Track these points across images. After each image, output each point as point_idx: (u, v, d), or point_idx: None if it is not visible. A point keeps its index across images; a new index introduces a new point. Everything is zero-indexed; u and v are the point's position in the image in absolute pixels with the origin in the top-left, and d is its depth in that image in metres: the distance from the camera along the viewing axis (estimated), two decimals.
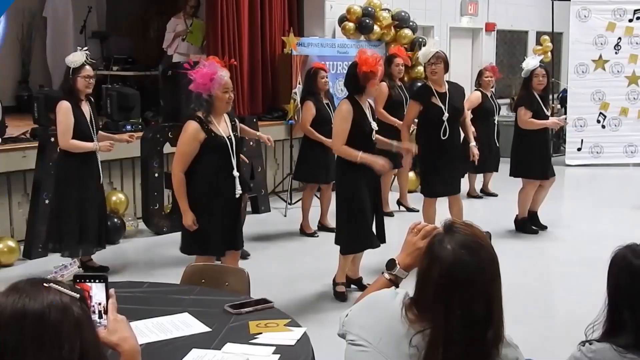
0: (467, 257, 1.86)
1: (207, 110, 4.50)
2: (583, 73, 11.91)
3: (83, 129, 5.58)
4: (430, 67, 6.13)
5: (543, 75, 7.16)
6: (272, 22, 9.36)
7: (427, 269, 1.90)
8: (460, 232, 1.91)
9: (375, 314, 1.99)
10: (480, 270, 1.86)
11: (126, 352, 1.81)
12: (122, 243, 7.07)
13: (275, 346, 2.62)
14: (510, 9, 13.23)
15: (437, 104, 6.10)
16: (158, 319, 2.89)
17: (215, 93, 4.49)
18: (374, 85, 5.16)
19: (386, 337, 1.92)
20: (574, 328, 4.42)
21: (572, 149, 12.02)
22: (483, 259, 1.88)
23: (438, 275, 1.86)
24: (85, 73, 5.54)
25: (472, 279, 1.84)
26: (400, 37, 9.92)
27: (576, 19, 11.92)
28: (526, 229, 7.49)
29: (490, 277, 1.88)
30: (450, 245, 1.88)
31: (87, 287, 1.86)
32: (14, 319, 1.49)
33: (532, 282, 6.03)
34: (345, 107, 5.15)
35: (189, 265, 3.59)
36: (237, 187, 4.62)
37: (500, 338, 1.87)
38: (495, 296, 1.88)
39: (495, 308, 1.86)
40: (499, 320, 1.87)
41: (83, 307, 1.58)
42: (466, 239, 1.89)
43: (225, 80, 4.53)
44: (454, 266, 1.85)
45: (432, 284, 1.87)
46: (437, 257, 1.88)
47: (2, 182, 6.63)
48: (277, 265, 6.34)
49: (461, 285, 1.83)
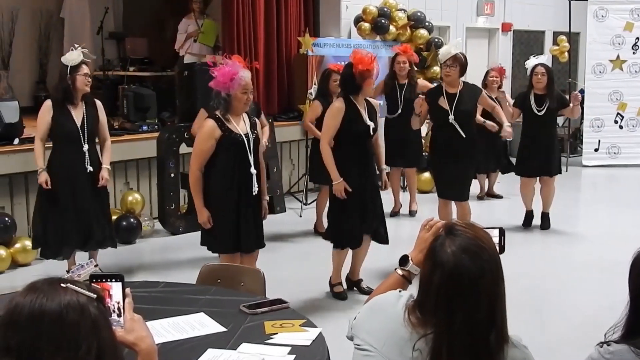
0: (468, 261, 1.83)
1: (225, 108, 4.52)
2: (600, 73, 11.83)
3: (68, 132, 5.40)
4: (445, 69, 6.09)
5: (542, 74, 7.20)
6: (288, 23, 9.37)
7: (429, 274, 1.88)
8: (462, 234, 1.89)
9: (380, 318, 1.99)
10: (482, 274, 1.83)
11: (143, 351, 1.82)
12: (138, 243, 7.10)
13: (291, 346, 2.62)
14: (526, 9, 13.16)
15: (443, 106, 6.04)
16: (174, 318, 2.89)
17: (234, 93, 4.49)
18: (370, 84, 5.16)
19: (390, 341, 1.92)
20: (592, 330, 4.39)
21: (589, 149, 11.94)
22: (485, 263, 1.85)
23: (439, 280, 1.85)
24: (83, 71, 5.42)
25: (474, 284, 1.82)
26: (416, 37, 9.89)
27: (593, 19, 11.85)
28: (524, 223, 7.71)
29: (492, 280, 1.85)
30: (450, 248, 1.86)
31: (106, 286, 1.87)
32: (31, 319, 1.49)
33: (548, 284, 6.00)
34: (337, 104, 5.19)
35: (204, 266, 3.59)
36: (254, 184, 4.62)
37: (504, 339, 1.85)
38: (498, 298, 1.85)
39: (498, 310, 1.84)
40: (502, 322, 1.85)
41: (100, 307, 1.58)
42: (467, 242, 1.87)
43: (246, 82, 4.53)
44: (455, 272, 1.83)
45: (434, 289, 1.86)
46: (439, 261, 1.86)
47: (20, 182, 6.67)
48: (293, 266, 6.34)
49: (463, 291, 1.82)
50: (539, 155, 7.36)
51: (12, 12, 9.70)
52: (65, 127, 5.41)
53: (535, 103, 7.26)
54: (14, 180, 6.64)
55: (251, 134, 4.61)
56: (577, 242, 7.31)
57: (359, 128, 5.15)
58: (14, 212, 6.60)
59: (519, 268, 6.05)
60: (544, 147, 7.35)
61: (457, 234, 1.90)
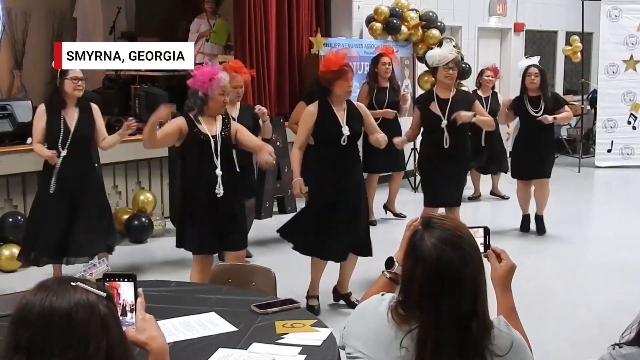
0: (450, 252, 1.84)
1: (199, 108, 4.53)
2: (613, 74, 11.77)
3: (55, 136, 5.26)
4: (447, 72, 5.86)
5: (535, 75, 7.07)
6: (300, 23, 9.37)
7: (412, 268, 1.89)
8: (440, 227, 1.89)
9: (364, 322, 1.99)
10: (464, 264, 1.84)
11: (154, 350, 1.82)
12: (149, 242, 7.12)
13: (302, 346, 2.62)
14: (539, 9, 13.10)
15: (434, 111, 5.90)
16: (185, 318, 2.90)
17: (212, 94, 4.50)
18: (340, 85, 4.92)
19: (375, 344, 1.92)
20: (603, 331, 4.37)
21: (602, 150, 11.87)
22: (466, 252, 1.86)
23: (422, 274, 1.85)
24: (72, 75, 5.21)
25: (457, 274, 1.83)
26: (427, 37, 9.86)
27: (607, 19, 11.79)
28: (521, 227, 7.54)
29: (475, 268, 1.86)
30: (430, 241, 1.86)
31: (116, 285, 1.87)
32: (41, 317, 1.50)
33: (559, 285, 5.97)
34: (309, 108, 5.10)
35: (216, 265, 3.61)
36: (219, 186, 4.54)
37: (487, 326, 1.85)
38: (480, 286, 1.86)
39: (480, 298, 1.85)
40: (482, 309, 1.85)
41: (109, 306, 1.59)
42: (446, 233, 1.87)
43: (224, 83, 4.53)
44: (438, 264, 1.83)
45: (418, 284, 1.86)
46: (420, 256, 1.87)
47: (32, 181, 6.70)
48: (304, 266, 6.33)
49: (448, 282, 1.82)
50: (534, 158, 7.22)
51: (25, 12, 9.75)
52: (54, 132, 5.26)
53: (531, 105, 7.10)
54: (27, 179, 6.68)
55: (220, 136, 4.57)
56: (589, 243, 7.28)
57: (332, 132, 4.98)
58: (27, 211, 6.63)
59: (530, 268, 6.03)
60: (540, 149, 7.23)
61: (435, 226, 1.90)
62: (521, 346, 1.92)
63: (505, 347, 1.86)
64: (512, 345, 1.88)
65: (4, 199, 6.56)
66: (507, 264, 2.17)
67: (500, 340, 1.86)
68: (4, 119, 6.74)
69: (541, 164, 7.25)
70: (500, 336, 1.87)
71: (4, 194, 6.56)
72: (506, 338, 1.88)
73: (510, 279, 2.17)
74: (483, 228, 2.19)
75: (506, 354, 1.85)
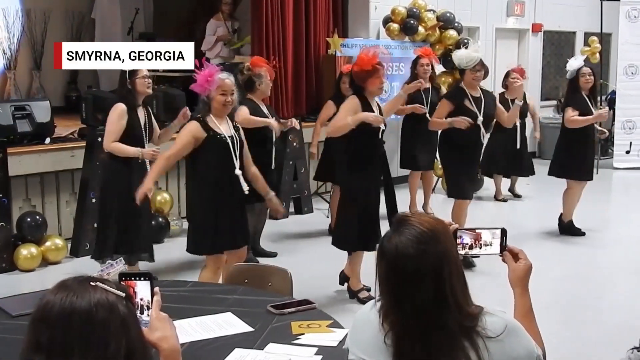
0: (410, 248, 1.84)
1: (205, 111, 4.58)
2: (632, 74, 11.69)
3: (137, 134, 5.37)
4: (475, 74, 6.17)
5: (590, 74, 7.06)
6: (317, 23, 9.37)
7: (378, 268, 1.91)
8: (409, 225, 1.89)
9: (362, 330, 2.00)
10: (422, 257, 1.83)
11: (165, 351, 1.80)
12: (166, 242, 7.15)
13: (318, 347, 2.63)
14: (557, 10, 13.02)
15: (470, 108, 6.12)
16: (201, 318, 2.91)
17: (213, 95, 4.53)
18: (373, 83, 5.14)
19: (374, 348, 1.93)
20: (623, 334, 4.34)
21: (620, 151, 11.79)
22: (426, 245, 1.84)
23: (384, 271, 1.88)
24: (142, 74, 5.36)
25: (412, 267, 1.83)
26: (445, 38, 9.84)
27: (626, 19, 11.71)
28: (573, 232, 7.39)
29: (436, 261, 1.84)
30: (395, 240, 1.87)
31: (132, 284, 1.88)
32: (62, 316, 1.51)
33: (579, 287, 5.94)
34: (354, 99, 5.19)
35: (232, 265, 3.61)
36: (243, 184, 4.63)
37: (467, 312, 1.84)
38: (445, 279, 1.83)
39: (449, 291, 1.83)
40: (458, 302, 1.83)
41: (129, 306, 1.60)
42: (412, 230, 1.87)
43: (223, 83, 4.55)
44: (396, 259, 1.85)
45: (383, 282, 1.89)
46: (383, 253, 1.89)
47: (50, 181, 6.76)
48: (320, 266, 6.34)
49: (403, 276, 1.84)
50: (593, 158, 7.36)
51: (44, 13, 9.83)
52: (136, 131, 5.36)
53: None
54: (45, 179, 6.73)
55: (236, 136, 4.64)
56: (609, 245, 7.22)
57: (372, 125, 5.13)
58: (45, 211, 6.68)
59: (553, 271, 6.02)
60: (591, 150, 7.33)
61: (404, 225, 1.90)
62: (516, 328, 1.90)
63: (498, 329, 1.85)
64: (505, 327, 1.86)
65: (22, 198, 6.61)
66: (525, 264, 2.15)
67: (493, 324, 1.85)
68: (23, 119, 6.79)
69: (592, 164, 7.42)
70: (492, 320, 1.86)
71: (22, 194, 6.60)
72: (498, 321, 1.87)
73: (528, 279, 2.15)
74: (500, 229, 2.18)
75: (499, 335, 1.84)
